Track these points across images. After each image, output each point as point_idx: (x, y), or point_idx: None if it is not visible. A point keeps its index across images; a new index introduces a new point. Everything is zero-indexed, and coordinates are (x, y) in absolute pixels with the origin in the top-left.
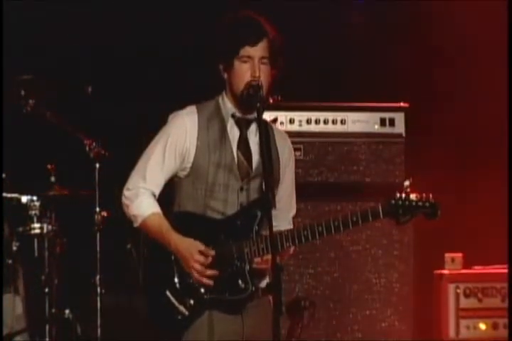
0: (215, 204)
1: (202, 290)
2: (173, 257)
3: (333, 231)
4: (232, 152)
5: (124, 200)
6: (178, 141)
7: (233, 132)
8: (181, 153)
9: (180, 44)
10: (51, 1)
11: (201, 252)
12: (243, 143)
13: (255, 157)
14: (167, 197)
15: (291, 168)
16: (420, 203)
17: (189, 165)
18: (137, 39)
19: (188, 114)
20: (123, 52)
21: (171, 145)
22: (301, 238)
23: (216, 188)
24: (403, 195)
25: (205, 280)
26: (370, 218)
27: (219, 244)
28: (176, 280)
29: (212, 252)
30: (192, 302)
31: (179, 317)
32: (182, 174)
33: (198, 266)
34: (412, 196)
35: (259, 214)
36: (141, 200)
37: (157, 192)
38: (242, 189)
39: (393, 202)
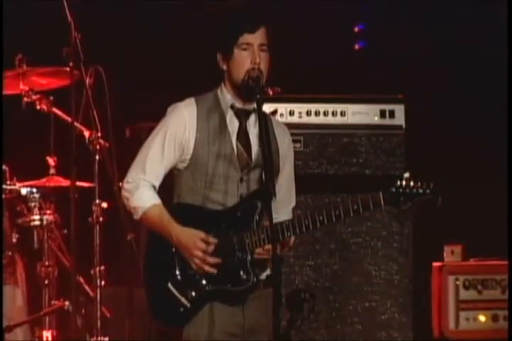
0: (215, 196)
1: (204, 281)
2: (173, 249)
3: (334, 219)
4: (231, 143)
5: (124, 193)
6: (177, 132)
7: (232, 123)
8: (180, 144)
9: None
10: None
11: (203, 240)
12: (243, 134)
13: (254, 148)
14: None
15: (291, 159)
16: (421, 190)
17: (188, 156)
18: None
19: (186, 106)
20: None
21: (170, 137)
22: (302, 227)
23: (216, 179)
24: (404, 183)
25: (207, 268)
26: (371, 206)
27: (220, 235)
28: (177, 271)
29: (214, 240)
30: (194, 294)
31: (181, 310)
32: (181, 166)
33: (199, 254)
34: (413, 183)
35: (259, 204)
36: (142, 192)
37: (157, 184)
38: (241, 180)
39: (394, 189)
